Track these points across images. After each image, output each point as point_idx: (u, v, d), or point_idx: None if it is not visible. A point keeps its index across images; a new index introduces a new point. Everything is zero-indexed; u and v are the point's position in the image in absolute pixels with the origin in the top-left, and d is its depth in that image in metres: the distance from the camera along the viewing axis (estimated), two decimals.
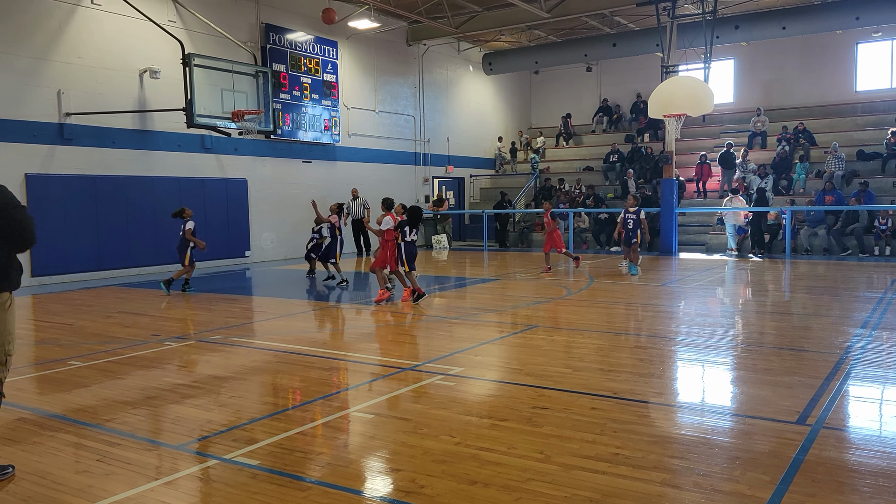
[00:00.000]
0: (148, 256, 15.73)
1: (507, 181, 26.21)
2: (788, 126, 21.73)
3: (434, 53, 24.28)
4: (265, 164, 18.55)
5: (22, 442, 4.67)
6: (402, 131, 23.20)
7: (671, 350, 7.36)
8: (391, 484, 3.90)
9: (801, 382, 5.76)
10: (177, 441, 4.64)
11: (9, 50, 13.39)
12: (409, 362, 6.79)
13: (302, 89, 19.11)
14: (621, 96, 27.14)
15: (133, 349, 7.62)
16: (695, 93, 16.56)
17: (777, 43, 22.95)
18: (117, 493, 3.80)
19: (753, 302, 10.97)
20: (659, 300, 10.82)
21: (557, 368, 6.41)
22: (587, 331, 8.25)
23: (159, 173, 15.98)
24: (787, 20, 20.41)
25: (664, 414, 5.15)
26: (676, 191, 19.01)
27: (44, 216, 13.82)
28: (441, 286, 13.23)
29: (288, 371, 6.62)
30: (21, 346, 8.08)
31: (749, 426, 4.77)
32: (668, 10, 18.38)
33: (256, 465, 4.16)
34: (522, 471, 3.99)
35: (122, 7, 14.67)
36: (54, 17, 14.09)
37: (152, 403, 5.54)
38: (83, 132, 14.55)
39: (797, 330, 8.33)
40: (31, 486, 3.94)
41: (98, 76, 14.76)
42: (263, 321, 9.85)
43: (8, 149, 13.40)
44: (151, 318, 9.82)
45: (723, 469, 3.99)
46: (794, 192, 19.92)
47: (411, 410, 5.19)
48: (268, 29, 18.22)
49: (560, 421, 4.85)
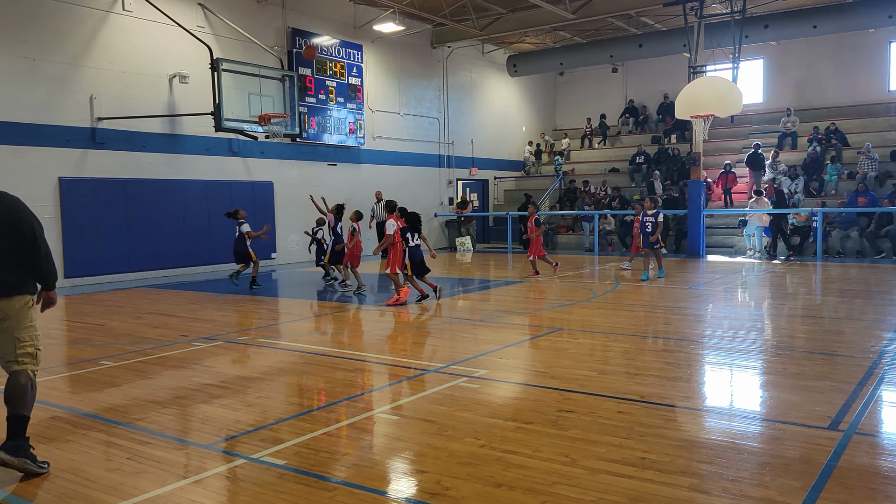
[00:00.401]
0: (176, 258, 15.95)
1: (532, 183, 26.14)
2: (820, 126, 21.39)
3: (458, 56, 24.31)
4: (291, 167, 18.71)
5: (56, 440, 4.76)
6: (426, 134, 23.25)
7: (699, 353, 7.28)
8: (416, 485, 3.91)
9: (832, 387, 5.66)
10: (205, 440, 4.70)
11: (44, 57, 13.68)
12: (434, 364, 6.79)
13: (327, 93, 19.25)
14: (647, 97, 26.92)
15: (162, 349, 7.73)
16: (723, 93, 16.38)
17: (808, 42, 22.60)
18: (147, 491, 3.86)
19: (783, 305, 10.80)
20: (686, 303, 10.70)
21: (583, 371, 6.38)
22: (613, 334, 8.20)
23: (188, 176, 16.20)
24: (818, 19, 20.08)
25: (692, 418, 5.10)
26: (704, 192, 18.80)
27: (76, 219, 14.13)
28: (465, 288, 13.23)
29: (313, 372, 6.66)
30: (54, 345, 8.26)
31: (779, 431, 4.70)
32: (695, 9, 18.18)
33: (283, 464, 4.20)
34: (548, 474, 3.97)
35: (152, 13, 14.93)
36: (87, 24, 14.36)
37: (181, 403, 5.62)
38: (114, 136, 14.81)
39: (829, 334, 8.19)
40: (64, 482, 4.02)
41: (129, 81, 15.02)
42: (289, 322, 9.93)
43: (43, 153, 13.69)
44: (180, 319, 9.96)
45: (752, 475, 3.94)
46: (825, 193, 19.59)
47: (436, 412, 5.19)
48: (294, 33, 18.39)
49: (586, 424, 4.82)
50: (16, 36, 13.27)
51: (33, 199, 13.37)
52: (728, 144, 23.72)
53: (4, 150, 13.09)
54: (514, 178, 27.09)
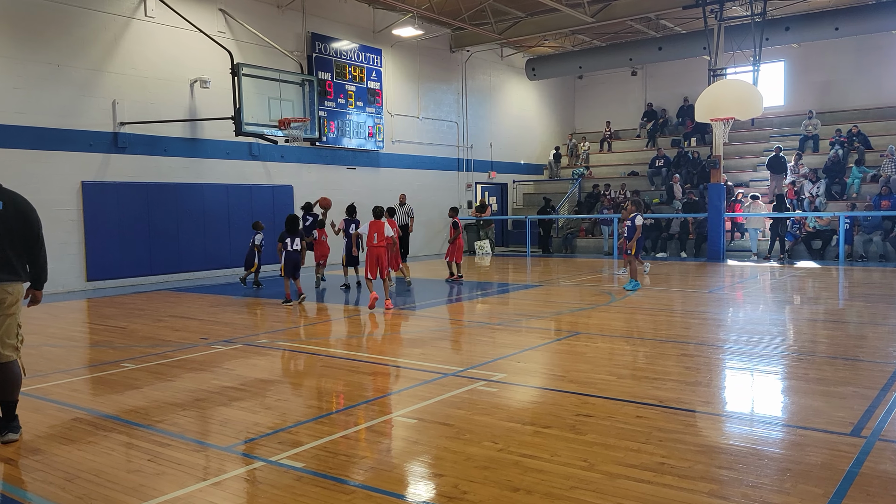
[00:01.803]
0: (197, 261, 16.11)
1: (551, 186, 26.08)
2: (842, 129, 21.13)
3: (477, 59, 24.33)
4: (310, 171, 18.82)
5: (78, 441, 4.82)
6: (445, 137, 23.29)
7: (718, 358, 7.22)
8: (434, 489, 3.91)
9: (855, 393, 5.58)
10: (224, 442, 4.74)
11: (67, 62, 13.89)
12: (452, 368, 6.79)
13: (347, 97, 19.35)
14: (667, 100, 26.74)
15: (182, 352, 7.80)
16: (743, 96, 16.25)
17: (830, 44, 22.34)
18: (167, 492, 3.89)
19: (805, 309, 10.68)
20: (706, 307, 10.61)
21: (601, 376, 6.35)
22: (632, 338, 8.15)
23: (208, 180, 16.36)
24: (840, 21, 19.84)
25: (711, 423, 5.05)
26: (724, 196, 18.64)
27: (98, 222, 14.32)
28: (484, 292, 13.22)
29: (331, 375, 6.69)
30: (76, 348, 8.38)
31: (800, 437, 4.64)
32: (715, 12, 18.06)
33: (301, 467, 4.22)
34: (566, 479, 3.96)
35: (174, 19, 15.12)
36: (110, 30, 14.57)
37: (201, 405, 5.67)
38: (136, 141, 14.99)
39: (851, 339, 8.08)
40: (86, 483, 4.07)
41: (151, 86, 15.20)
42: (308, 325, 9.98)
43: (66, 157, 13.89)
44: (200, 322, 10.04)
45: (773, 481, 3.89)
46: (848, 196, 19.35)
47: (454, 416, 5.19)
48: (314, 38, 18.51)
49: (604, 429, 4.80)
50: (40, 42, 13.49)
51: (57, 203, 13.65)
52: (748, 147, 23.50)
53: (29, 154, 13.31)
54: (532, 182, 27.04)
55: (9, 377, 4.86)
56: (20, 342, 4.96)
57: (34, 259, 4.97)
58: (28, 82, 13.32)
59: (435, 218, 22.63)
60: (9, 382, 4.86)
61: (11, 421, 4.87)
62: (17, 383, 4.91)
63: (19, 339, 4.95)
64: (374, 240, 10.68)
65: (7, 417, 4.86)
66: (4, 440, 4.78)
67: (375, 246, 10.68)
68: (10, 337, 4.86)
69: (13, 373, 4.88)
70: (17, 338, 4.92)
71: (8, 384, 4.86)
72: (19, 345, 4.94)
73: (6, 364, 4.85)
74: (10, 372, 4.86)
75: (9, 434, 4.81)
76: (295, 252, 11.67)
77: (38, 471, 4.29)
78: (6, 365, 4.85)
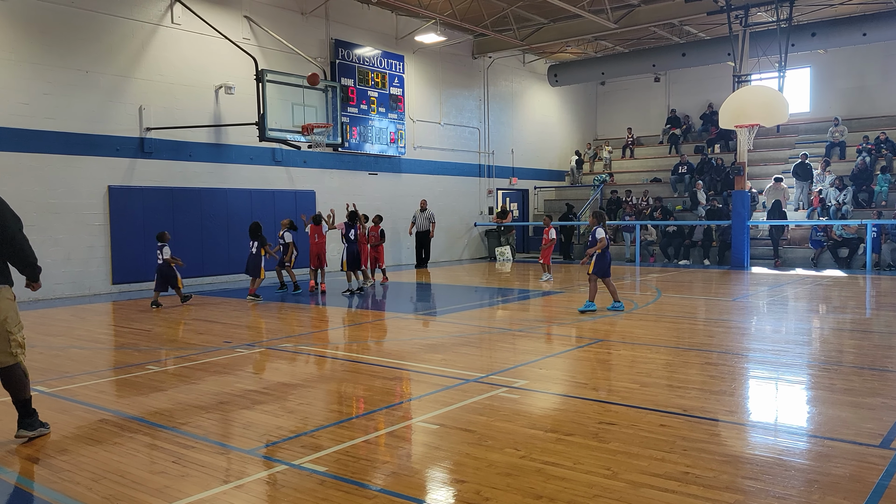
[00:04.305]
0: (221, 265, 16.26)
1: (573, 193, 25.99)
2: (869, 136, 20.83)
3: (499, 66, 24.35)
4: (333, 177, 18.93)
5: (104, 442, 4.88)
6: (466, 143, 23.31)
7: (743, 367, 7.13)
8: (455, 495, 3.90)
9: (884, 404, 5.49)
10: (247, 445, 4.77)
11: (95, 69, 14.12)
12: (474, 374, 6.78)
13: (369, 103, 19.46)
14: (690, 107, 26.57)
15: (206, 355, 7.87)
16: (768, 102, 16.08)
17: (856, 50, 22.07)
18: (191, 494, 3.92)
19: (831, 318, 10.52)
20: (730, 315, 10.50)
21: (624, 383, 6.30)
22: (655, 346, 8.08)
23: (232, 185, 16.52)
24: (868, 26, 19.60)
25: (736, 433, 4.99)
26: (748, 203, 18.46)
27: (124, 226, 14.52)
28: (504, 298, 13.19)
29: (353, 380, 6.71)
30: (102, 350, 8.48)
31: (828, 448, 4.57)
32: (740, 18, 17.91)
33: (323, 471, 4.23)
34: (589, 486, 3.93)
35: (200, 26, 15.32)
36: (137, 36, 14.79)
37: (224, 408, 5.71)
38: (162, 146, 15.19)
39: (879, 349, 7.94)
40: (112, 484, 4.11)
41: (176, 92, 15.40)
42: (330, 330, 10.02)
43: (93, 162, 14.10)
44: (223, 325, 10.13)
45: (800, 492, 3.83)
46: (875, 204, 19.06)
47: (476, 422, 5.18)
48: (337, 44, 18.65)
49: (627, 437, 4.76)
50: (69, 49, 13.73)
51: (84, 207, 13.86)
52: (773, 154, 23.26)
53: (57, 159, 13.53)
54: (554, 188, 26.97)
55: (11, 380, 4.90)
56: (21, 343, 4.92)
57: (13, 258, 4.90)
58: (57, 88, 13.55)
59: (456, 223, 22.64)
60: (13, 384, 4.91)
61: (26, 418, 4.96)
62: (24, 383, 4.96)
63: (18, 342, 4.89)
64: (316, 238, 13.72)
65: (23, 415, 4.96)
66: (17, 436, 4.90)
67: (316, 243, 13.75)
68: (2, 342, 4.82)
69: (16, 375, 4.91)
70: (14, 341, 4.86)
71: (13, 386, 4.92)
72: (17, 349, 4.88)
73: (7, 368, 4.87)
74: (12, 375, 4.90)
75: (21, 431, 4.91)
76: (353, 244, 13.34)
77: (66, 471, 4.35)
78: (8, 369, 4.87)
